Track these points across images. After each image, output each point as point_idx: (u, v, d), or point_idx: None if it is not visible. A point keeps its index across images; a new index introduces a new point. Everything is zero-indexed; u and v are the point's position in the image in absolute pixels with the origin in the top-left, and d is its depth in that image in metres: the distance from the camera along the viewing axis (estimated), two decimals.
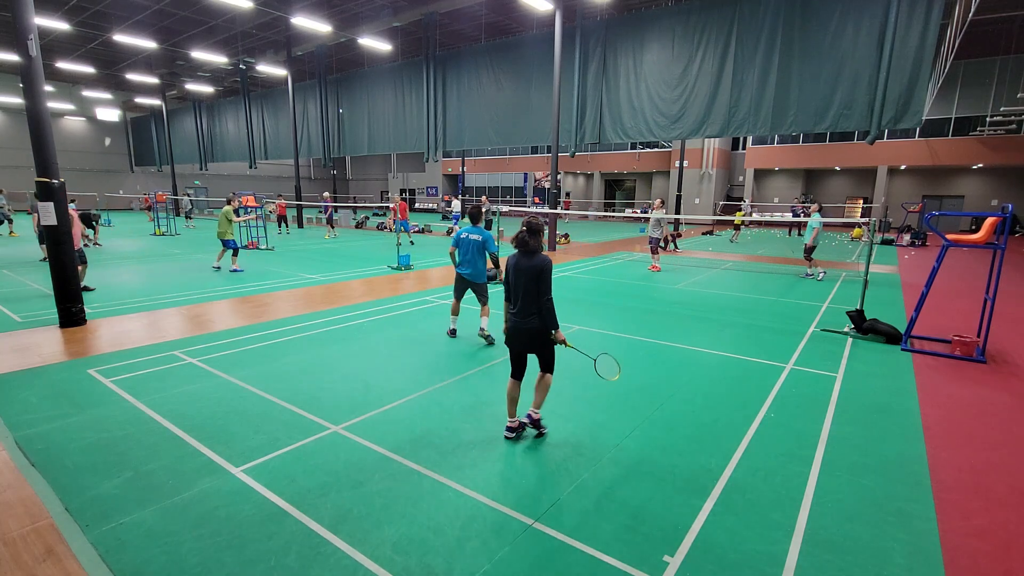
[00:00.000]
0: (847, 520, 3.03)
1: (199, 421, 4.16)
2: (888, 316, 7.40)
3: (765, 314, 8.18)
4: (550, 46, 16.01)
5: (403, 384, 5.02)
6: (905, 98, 11.17)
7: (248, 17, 21.08)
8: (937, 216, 6.51)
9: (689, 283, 10.91)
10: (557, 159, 16.44)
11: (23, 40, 6.49)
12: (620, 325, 7.38)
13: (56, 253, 6.79)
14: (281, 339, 6.48)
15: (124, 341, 6.32)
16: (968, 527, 3.01)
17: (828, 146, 28.67)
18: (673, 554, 2.72)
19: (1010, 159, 24.40)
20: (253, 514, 3.00)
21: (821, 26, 11.97)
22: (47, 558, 2.65)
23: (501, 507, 3.09)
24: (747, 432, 4.10)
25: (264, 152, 28.73)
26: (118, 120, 38.12)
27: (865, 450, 3.86)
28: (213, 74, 30.32)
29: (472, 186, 45.46)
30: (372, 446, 3.79)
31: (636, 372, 5.47)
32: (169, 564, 2.61)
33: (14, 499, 3.14)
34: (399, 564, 2.61)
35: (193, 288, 9.65)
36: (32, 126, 6.59)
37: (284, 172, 47.46)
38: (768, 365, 5.75)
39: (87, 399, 4.57)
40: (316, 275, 11.38)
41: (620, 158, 36.22)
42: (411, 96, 20.81)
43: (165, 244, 17.08)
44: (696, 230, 27.41)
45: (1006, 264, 12.23)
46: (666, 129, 14.68)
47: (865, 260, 7.69)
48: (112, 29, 22.21)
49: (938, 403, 4.80)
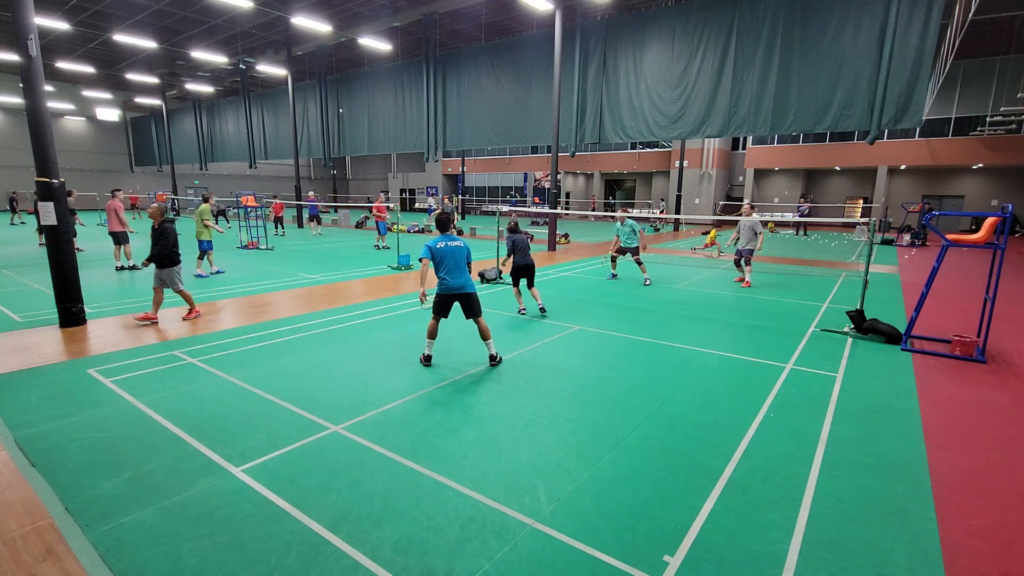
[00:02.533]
0: (847, 520, 3.03)
1: (199, 421, 4.16)
2: (888, 316, 7.40)
3: (765, 314, 8.18)
4: (550, 46, 16.02)
5: (403, 384, 5.02)
6: (905, 98, 11.17)
7: (248, 17, 21.08)
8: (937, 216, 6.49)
9: (689, 283, 10.91)
10: (557, 159, 16.44)
11: (23, 40, 6.49)
12: (620, 325, 7.38)
13: (56, 253, 6.79)
14: (281, 339, 6.48)
15: (124, 341, 6.32)
16: (968, 527, 3.01)
17: (828, 146, 28.66)
18: (673, 554, 2.72)
19: (1010, 159, 24.39)
20: (253, 514, 3.00)
21: (821, 26, 11.97)
22: (47, 558, 2.65)
23: (501, 507, 3.09)
24: (747, 432, 4.10)
25: (264, 152, 28.73)
26: (118, 120, 38.11)
27: (865, 450, 3.86)
28: (213, 74, 30.31)
29: (472, 186, 45.47)
30: (372, 446, 3.79)
31: (636, 372, 5.47)
32: (169, 564, 2.61)
33: (14, 499, 3.14)
34: (399, 564, 2.61)
35: (192, 288, 9.63)
36: (32, 126, 6.59)
37: (284, 172, 47.47)
38: (768, 365, 5.75)
39: (87, 399, 4.57)
40: (316, 275, 11.38)
41: (620, 158, 36.22)
42: (411, 96, 20.81)
43: None
44: (696, 230, 27.40)
45: (1006, 264, 12.23)
46: (666, 129, 14.68)
47: (865, 260, 7.69)
48: (112, 29, 22.21)
49: (938, 403, 4.79)
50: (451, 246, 5.44)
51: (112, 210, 11.36)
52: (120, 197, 11.82)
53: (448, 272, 5.43)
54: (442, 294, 5.49)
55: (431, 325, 5.51)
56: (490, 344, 5.58)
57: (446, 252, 5.41)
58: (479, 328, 5.56)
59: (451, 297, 5.49)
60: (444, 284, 5.46)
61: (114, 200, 11.57)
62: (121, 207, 11.53)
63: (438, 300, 5.51)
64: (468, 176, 44.56)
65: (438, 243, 5.43)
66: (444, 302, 5.51)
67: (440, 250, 5.40)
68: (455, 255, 5.44)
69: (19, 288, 9.34)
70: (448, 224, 5.65)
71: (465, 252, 5.54)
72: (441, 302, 5.51)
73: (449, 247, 5.43)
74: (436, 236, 5.52)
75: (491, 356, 5.58)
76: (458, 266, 5.45)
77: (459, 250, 5.49)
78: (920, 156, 26.41)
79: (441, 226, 5.63)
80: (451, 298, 5.50)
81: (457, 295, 5.48)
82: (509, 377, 5.21)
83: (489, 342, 5.57)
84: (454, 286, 5.43)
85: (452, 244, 5.45)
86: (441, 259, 5.41)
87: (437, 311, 5.52)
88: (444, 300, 5.50)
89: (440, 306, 5.52)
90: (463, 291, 5.47)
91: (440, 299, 5.51)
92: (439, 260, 5.42)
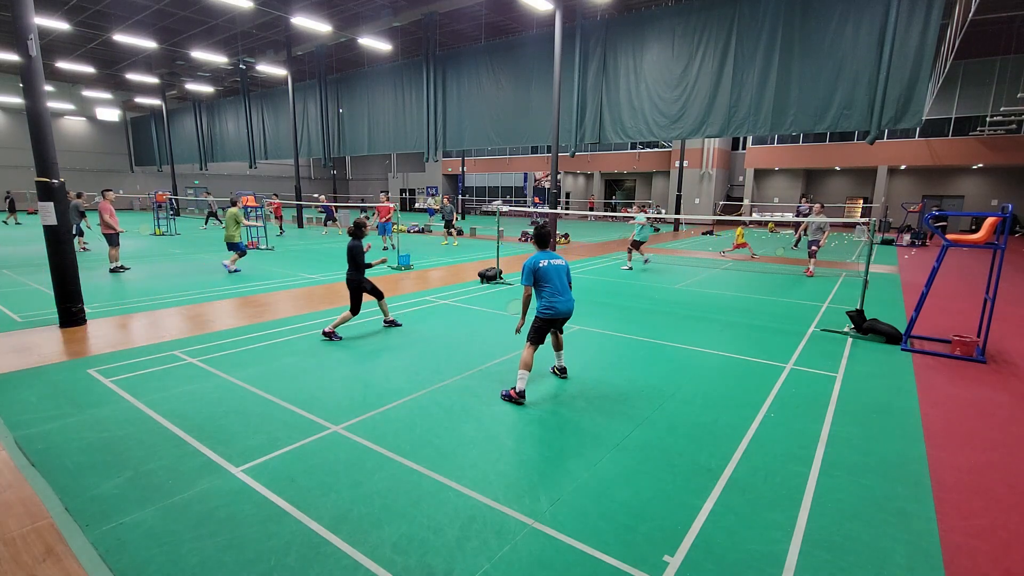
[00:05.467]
0: (847, 520, 3.03)
1: (199, 421, 4.16)
2: (888, 316, 7.40)
3: (765, 314, 8.18)
4: (550, 46, 16.01)
5: (403, 384, 5.02)
6: (905, 98, 11.17)
7: (248, 17, 21.08)
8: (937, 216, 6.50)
9: (689, 283, 10.91)
10: (557, 159, 16.44)
11: (23, 40, 6.49)
12: (620, 325, 7.38)
13: (56, 253, 6.79)
14: (281, 339, 6.48)
15: (124, 341, 6.32)
16: (968, 527, 3.01)
17: (828, 146, 28.67)
18: (673, 554, 2.72)
19: (1010, 159, 24.40)
20: (253, 514, 3.00)
21: (821, 26, 11.97)
22: (47, 558, 2.65)
23: (501, 507, 3.09)
24: (747, 432, 4.10)
25: (264, 152, 28.73)
26: (118, 120, 38.11)
27: (865, 450, 3.86)
28: (213, 74, 30.33)
29: (472, 186, 45.47)
30: (372, 446, 3.79)
31: (636, 372, 5.47)
32: (169, 564, 2.61)
33: (14, 499, 3.14)
34: (399, 564, 2.61)
35: (193, 288, 9.64)
36: (32, 126, 6.59)
37: (284, 172, 47.48)
38: (768, 365, 5.75)
39: (87, 399, 4.57)
40: (316, 275, 11.38)
41: (620, 158, 36.23)
42: (411, 96, 20.81)
43: (165, 244, 17.09)
44: (696, 230, 27.41)
45: (1006, 264, 12.23)
46: (666, 129, 14.68)
47: (865, 260, 7.69)
48: (112, 29, 22.21)
49: (938, 403, 4.79)
50: (555, 264, 4.80)
51: (100, 211, 10.99)
52: (111, 197, 11.24)
53: (553, 294, 4.75)
54: (547, 319, 4.78)
55: (527, 355, 4.68)
56: (560, 355, 5.31)
57: (550, 271, 4.75)
58: (556, 340, 5.24)
59: (558, 322, 4.89)
60: (552, 308, 4.74)
61: (103, 201, 11.09)
62: (110, 208, 11.02)
63: (541, 326, 4.79)
64: (468, 176, 44.56)
65: (540, 261, 4.77)
66: (547, 327, 4.84)
67: (544, 269, 4.74)
68: (559, 274, 4.81)
69: (19, 288, 9.34)
70: (548, 239, 4.94)
71: (567, 270, 4.95)
72: (544, 328, 4.81)
73: (553, 265, 4.79)
74: (536, 253, 4.88)
75: (561, 368, 5.32)
76: (564, 287, 4.84)
77: (563, 268, 4.88)
78: (920, 156, 26.42)
79: (541, 241, 4.90)
80: (557, 322, 4.90)
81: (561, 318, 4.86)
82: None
83: (560, 353, 5.30)
84: (564, 310, 4.78)
85: (555, 262, 4.82)
86: (547, 279, 4.75)
87: (537, 338, 4.78)
88: (547, 325, 4.82)
89: (542, 332, 4.81)
90: (569, 314, 4.88)
91: (543, 324, 4.79)
92: (543, 280, 4.75)
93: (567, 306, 4.79)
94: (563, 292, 4.79)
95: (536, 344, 4.76)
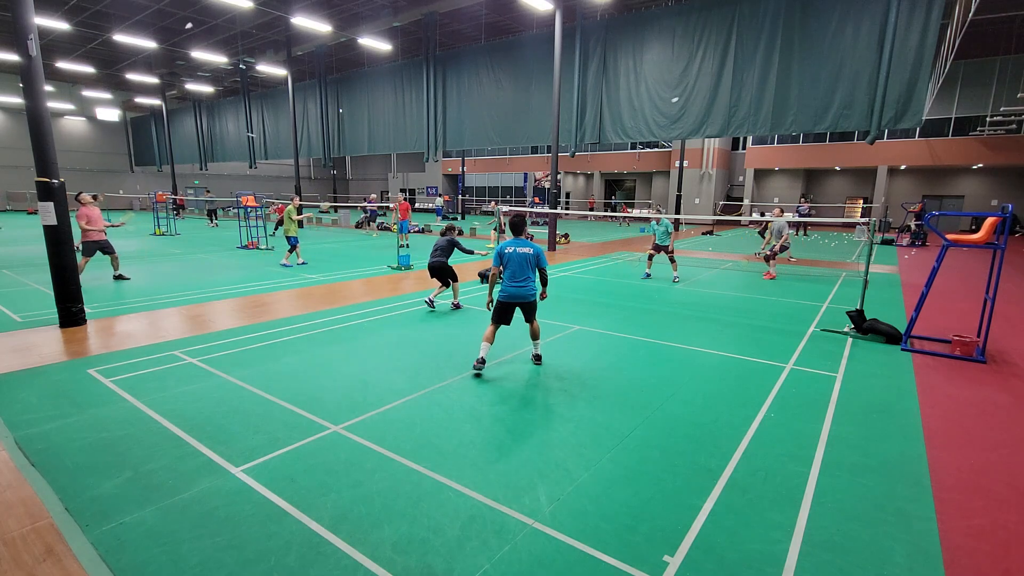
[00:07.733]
0: (847, 520, 3.03)
1: (199, 421, 4.16)
2: (888, 316, 7.40)
3: (765, 314, 8.18)
4: (550, 46, 16.02)
5: (403, 384, 5.02)
6: (905, 98, 11.18)
7: (248, 17, 21.09)
8: (937, 216, 6.50)
9: (689, 283, 10.91)
10: (557, 159, 16.44)
11: (23, 40, 6.49)
12: (620, 325, 7.38)
13: (56, 253, 6.79)
14: (281, 339, 6.48)
15: (124, 341, 6.32)
16: (968, 527, 3.01)
17: (828, 146, 28.67)
18: (673, 554, 2.72)
19: (1010, 159, 24.40)
20: (253, 514, 3.00)
21: (821, 26, 11.97)
22: (47, 558, 2.65)
23: (501, 507, 3.09)
24: (747, 432, 4.10)
25: (264, 152, 28.75)
26: (118, 120, 38.11)
27: (865, 450, 3.86)
28: (213, 74, 30.34)
29: (472, 186, 45.47)
30: (372, 446, 3.79)
31: (636, 372, 5.47)
32: (169, 564, 2.61)
33: (14, 499, 3.14)
34: (399, 564, 2.61)
35: (193, 288, 9.65)
36: (32, 126, 6.59)
37: (284, 172, 47.48)
38: (768, 365, 5.75)
39: (87, 399, 4.57)
40: (316, 275, 11.38)
41: (620, 158, 36.22)
42: (411, 96, 20.82)
43: (165, 244, 17.09)
44: (696, 230, 27.41)
45: (1006, 264, 12.23)
46: (666, 129, 14.69)
47: (865, 260, 7.69)
48: (112, 29, 22.22)
49: (938, 403, 4.79)
50: (520, 252, 5.26)
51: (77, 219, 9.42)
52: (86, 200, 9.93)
53: (511, 278, 5.25)
54: (504, 301, 5.29)
55: (488, 331, 5.29)
56: (536, 344, 5.59)
57: (513, 258, 5.24)
58: (531, 329, 5.52)
59: (514, 305, 5.33)
60: (506, 292, 5.27)
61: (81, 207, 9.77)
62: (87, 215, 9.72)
63: (499, 307, 5.32)
64: (468, 176, 44.55)
65: (507, 247, 5.26)
66: (504, 309, 5.32)
67: (508, 255, 5.26)
68: (521, 261, 5.25)
69: (19, 288, 9.34)
70: (522, 227, 5.42)
71: (532, 258, 5.30)
72: (501, 309, 5.32)
73: (518, 253, 5.25)
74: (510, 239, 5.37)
75: (535, 355, 5.60)
76: (524, 273, 5.26)
77: (528, 256, 5.28)
78: (920, 156, 26.42)
79: (515, 229, 5.41)
80: (511, 305, 5.33)
81: (518, 303, 5.32)
82: (509, 377, 5.21)
83: (536, 342, 5.58)
84: (517, 295, 5.26)
85: (521, 250, 5.26)
86: (509, 265, 5.26)
87: (497, 318, 5.34)
88: (504, 307, 5.31)
89: (500, 312, 5.33)
90: (523, 300, 5.29)
91: (500, 305, 5.31)
92: (506, 265, 5.28)
93: (521, 291, 5.24)
94: (520, 278, 5.25)
95: (496, 323, 5.34)
